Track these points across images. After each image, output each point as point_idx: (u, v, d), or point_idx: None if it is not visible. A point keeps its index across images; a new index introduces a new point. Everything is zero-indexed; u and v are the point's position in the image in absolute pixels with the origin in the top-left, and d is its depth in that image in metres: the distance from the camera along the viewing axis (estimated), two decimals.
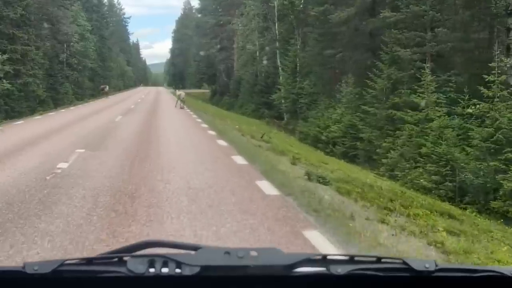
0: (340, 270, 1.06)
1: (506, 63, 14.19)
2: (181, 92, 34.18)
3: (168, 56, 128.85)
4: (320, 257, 1.11)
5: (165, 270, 1.03)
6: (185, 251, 1.12)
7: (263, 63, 38.84)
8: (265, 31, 39.10)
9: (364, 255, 1.28)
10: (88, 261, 1.08)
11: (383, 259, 1.12)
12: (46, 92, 39.55)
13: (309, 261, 1.10)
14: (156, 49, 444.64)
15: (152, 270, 1.03)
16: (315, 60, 27.61)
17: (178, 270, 1.03)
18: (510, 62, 14.50)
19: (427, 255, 4.53)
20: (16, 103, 30.74)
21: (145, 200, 6.25)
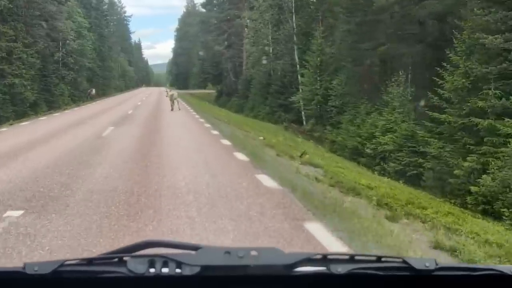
0: (341, 269, 1.05)
1: None
2: (174, 92, 30.38)
3: (171, 56, 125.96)
4: (320, 257, 1.10)
5: (165, 270, 1.02)
6: (185, 251, 1.10)
7: (278, 62, 34.51)
8: (280, 24, 34.72)
9: (364, 254, 1.23)
10: (88, 262, 1.07)
11: (383, 258, 1.10)
12: (39, 94, 36.63)
13: (309, 261, 1.08)
14: (159, 50, 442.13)
15: (152, 270, 1.02)
16: (347, 55, 23.25)
17: (178, 270, 1.02)
18: None
19: None
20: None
21: None
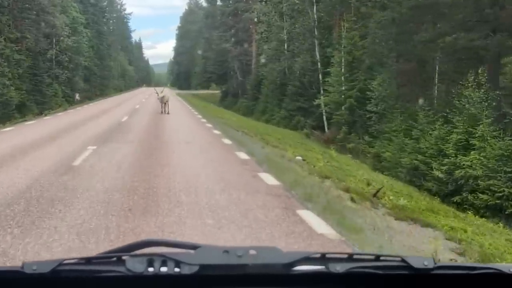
0: (339, 268, 1.05)
1: None
2: (165, 94, 24.52)
3: (172, 56, 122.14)
4: (319, 255, 1.09)
5: (164, 269, 1.02)
6: (184, 250, 1.10)
7: (295, 59, 30.27)
8: (299, 16, 30.47)
9: (363, 253, 1.21)
10: (87, 261, 1.06)
11: (382, 257, 1.10)
12: (28, 95, 32.78)
13: (308, 260, 1.08)
14: (160, 50, 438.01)
15: (151, 269, 1.02)
16: (388, 50, 19.04)
17: (177, 269, 1.02)
18: None
19: None
20: None
21: None
